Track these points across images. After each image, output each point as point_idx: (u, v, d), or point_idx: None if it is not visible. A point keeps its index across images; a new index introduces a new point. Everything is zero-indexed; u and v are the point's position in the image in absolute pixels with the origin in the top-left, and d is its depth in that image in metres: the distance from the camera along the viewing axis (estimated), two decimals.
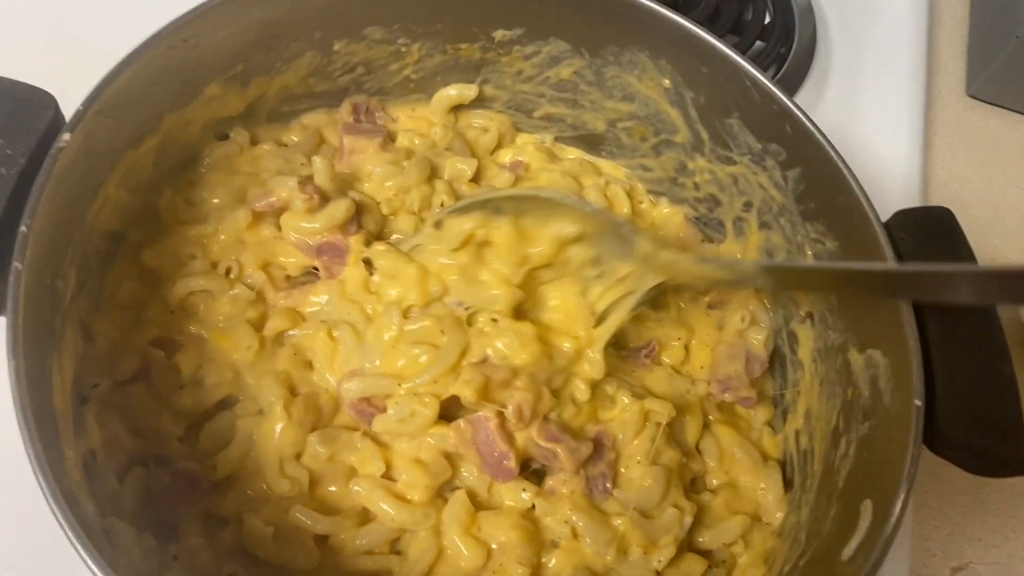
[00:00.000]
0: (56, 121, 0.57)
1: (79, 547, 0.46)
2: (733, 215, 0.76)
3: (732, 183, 0.75)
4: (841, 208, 0.65)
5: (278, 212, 0.69)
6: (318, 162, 0.71)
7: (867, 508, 0.57)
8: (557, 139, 0.83)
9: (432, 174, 0.74)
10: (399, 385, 0.64)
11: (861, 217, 0.63)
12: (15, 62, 0.62)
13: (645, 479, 0.66)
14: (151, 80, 0.61)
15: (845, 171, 0.64)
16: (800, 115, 0.66)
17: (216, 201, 0.70)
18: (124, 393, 0.62)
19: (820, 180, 0.67)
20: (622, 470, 0.66)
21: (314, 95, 0.76)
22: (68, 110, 0.58)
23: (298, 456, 0.63)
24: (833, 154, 0.64)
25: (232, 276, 0.68)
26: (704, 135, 0.74)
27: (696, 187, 0.78)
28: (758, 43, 1.08)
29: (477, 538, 0.62)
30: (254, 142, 0.73)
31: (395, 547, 0.63)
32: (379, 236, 0.72)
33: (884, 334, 0.61)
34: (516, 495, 0.64)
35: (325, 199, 0.69)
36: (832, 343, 0.68)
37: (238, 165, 0.72)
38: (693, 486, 0.71)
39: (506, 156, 0.81)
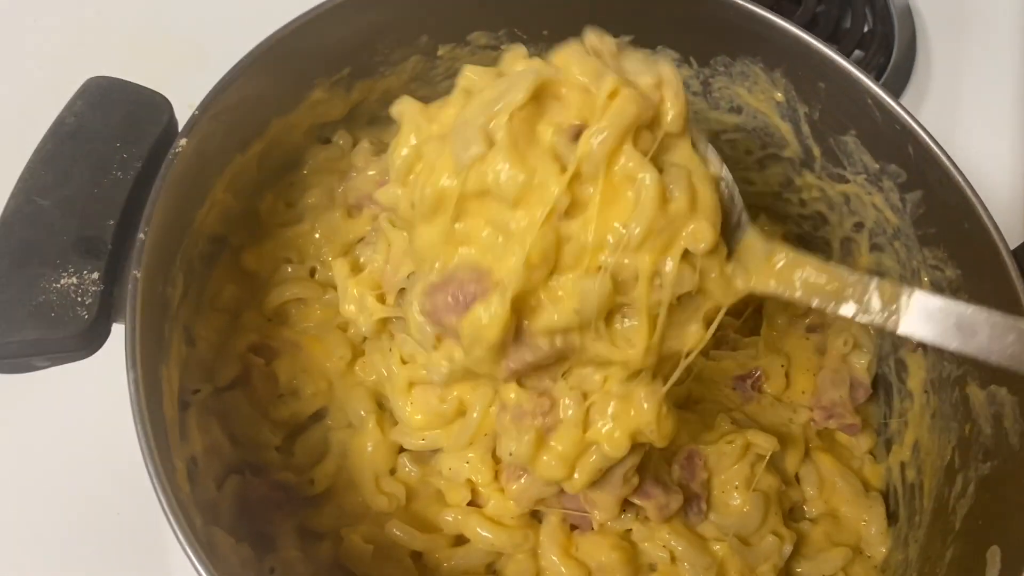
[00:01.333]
0: (171, 125, 0.57)
1: (195, 561, 0.46)
2: (841, 235, 0.74)
3: (843, 202, 0.72)
4: (965, 235, 0.62)
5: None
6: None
7: (995, 556, 0.54)
8: None
9: None
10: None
11: (987, 246, 0.60)
12: (131, 65, 0.62)
13: (744, 505, 0.64)
14: (262, 84, 0.61)
15: (972, 197, 0.61)
16: (926, 137, 0.63)
17: (311, 200, 0.69)
18: (224, 399, 0.62)
19: (943, 205, 0.64)
20: (719, 494, 0.64)
21: (415, 99, 0.75)
22: (180, 113, 0.57)
23: (393, 471, 0.62)
24: (960, 179, 0.61)
25: (318, 277, 0.67)
26: (816, 151, 0.72)
27: (802, 204, 0.76)
28: (856, 52, 1.05)
29: (576, 559, 0.61)
30: (355, 144, 0.72)
31: (491, 568, 0.62)
32: None
33: (1011, 370, 0.59)
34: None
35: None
36: (948, 375, 0.65)
37: (339, 168, 0.71)
38: (791, 515, 0.69)
39: None
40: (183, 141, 0.54)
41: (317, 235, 0.68)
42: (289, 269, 0.67)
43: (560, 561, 0.60)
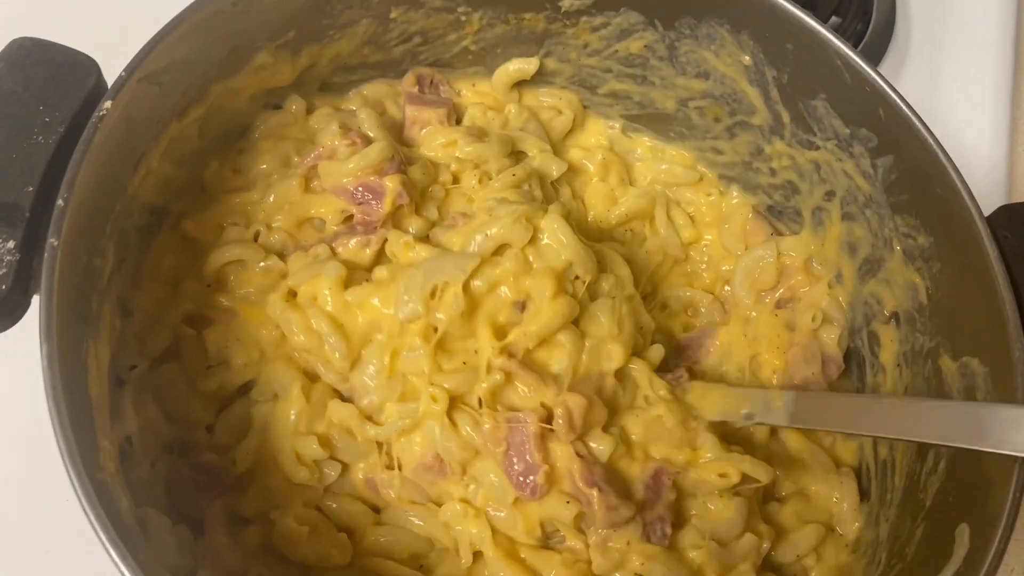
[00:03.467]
0: (98, 88, 0.54)
1: (109, 545, 0.43)
2: (812, 204, 0.71)
3: (813, 170, 0.69)
4: (937, 201, 0.60)
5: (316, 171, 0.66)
6: (363, 111, 0.68)
7: (963, 533, 0.52)
8: (625, 121, 0.77)
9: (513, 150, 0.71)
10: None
11: (961, 212, 0.58)
12: (56, 25, 0.59)
13: (726, 511, 0.61)
14: (197, 47, 0.57)
15: (945, 161, 0.59)
16: (896, 99, 0.60)
17: (264, 167, 0.66)
18: (159, 374, 0.59)
19: (915, 170, 0.61)
20: (700, 501, 0.61)
21: (368, 66, 0.72)
22: (110, 76, 0.54)
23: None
24: (932, 143, 0.59)
25: (260, 240, 0.64)
26: (785, 117, 0.69)
27: (772, 173, 0.73)
28: (833, 18, 1.01)
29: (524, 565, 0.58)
30: (310, 111, 0.69)
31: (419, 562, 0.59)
32: (423, 193, 0.67)
33: (984, 341, 0.56)
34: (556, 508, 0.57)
35: (364, 141, 0.66)
36: (920, 347, 0.63)
37: (291, 134, 0.68)
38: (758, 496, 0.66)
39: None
40: (108, 104, 0.51)
41: (270, 201, 0.64)
42: (232, 233, 0.63)
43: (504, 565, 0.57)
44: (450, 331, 0.58)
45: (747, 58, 0.68)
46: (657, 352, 0.64)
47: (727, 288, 0.73)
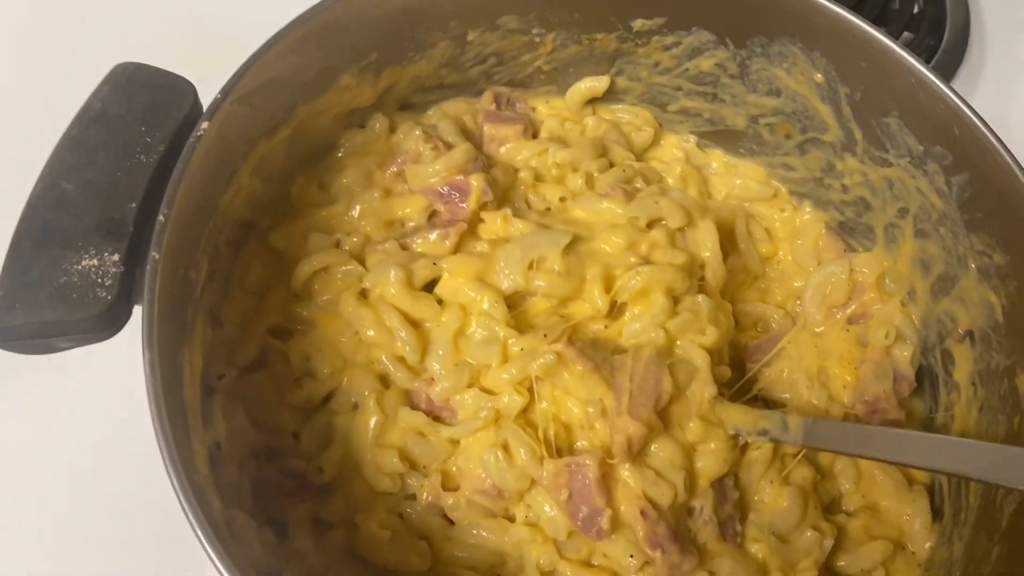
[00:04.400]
0: (195, 109, 0.57)
1: (206, 543, 0.45)
2: (885, 221, 0.71)
3: (886, 187, 0.69)
4: (1013, 219, 0.59)
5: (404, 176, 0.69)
6: (443, 121, 0.72)
7: None
8: (696, 136, 0.78)
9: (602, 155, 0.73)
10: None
11: None
12: (156, 49, 0.62)
13: (781, 500, 0.62)
14: (286, 69, 0.60)
15: (1022, 179, 0.58)
16: (972, 116, 0.60)
17: (347, 181, 0.69)
18: (248, 383, 0.61)
19: (990, 188, 0.61)
20: (754, 498, 0.62)
21: (445, 86, 0.74)
22: (206, 98, 0.57)
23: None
24: (1009, 160, 0.59)
25: (342, 247, 0.67)
26: (857, 134, 0.69)
27: (844, 189, 0.73)
28: (905, 34, 1.01)
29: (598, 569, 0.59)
30: (392, 130, 0.72)
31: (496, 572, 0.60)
32: (505, 194, 0.70)
33: None
34: (620, 555, 0.58)
35: (450, 149, 0.69)
36: (996, 366, 0.62)
37: (375, 150, 0.71)
38: (828, 509, 0.66)
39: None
40: (205, 125, 0.54)
41: (354, 213, 0.67)
42: (315, 242, 0.66)
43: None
44: (539, 308, 0.63)
45: (819, 76, 0.68)
46: (724, 372, 0.64)
47: (798, 304, 0.73)
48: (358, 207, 0.67)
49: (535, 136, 0.76)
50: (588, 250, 0.64)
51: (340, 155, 0.71)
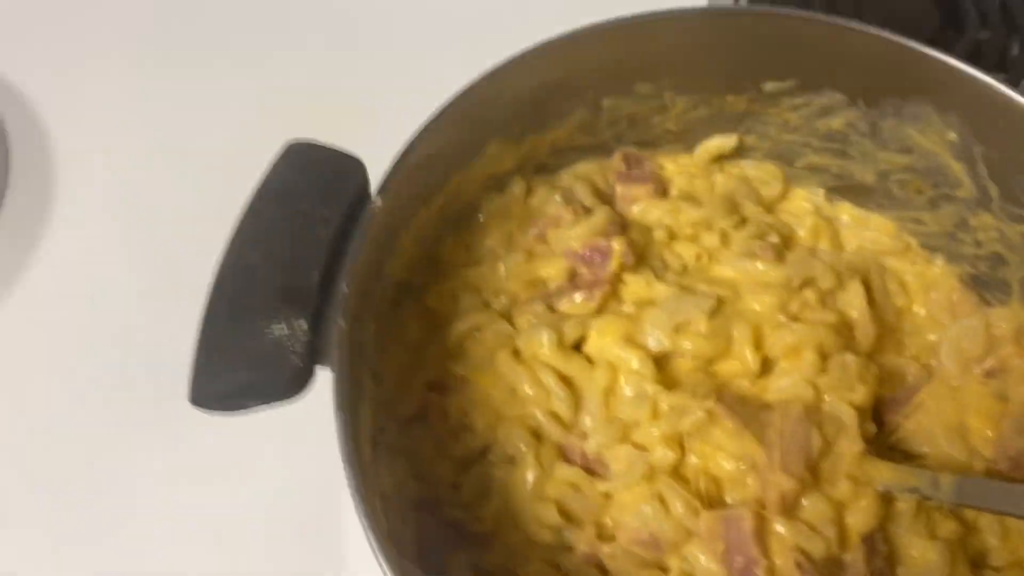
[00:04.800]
0: (363, 183, 0.62)
1: None
2: (1021, 276, 0.71)
3: (1023, 243, 0.70)
4: None
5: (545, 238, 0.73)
6: (577, 184, 0.75)
7: None
8: (824, 190, 0.80)
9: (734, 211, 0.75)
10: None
11: None
12: (322, 127, 0.67)
13: (928, 553, 0.63)
14: (445, 143, 0.65)
15: None
16: None
17: (490, 243, 0.73)
18: (408, 437, 0.65)
19: None
20: (902, 552, 0.63)
21: (578, 148, 0.78)
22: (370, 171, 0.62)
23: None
24: None
25: (495, 307, 0.70)
26: (993, 191, 0.70)
27: (978, 244, 0.74)
28: None
29: None
30: (529, 192, 0.75)
31: None
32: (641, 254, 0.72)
33: None
34: None
35: (588, 213, 0.72)
36: None
37: (513, 213, 0.75)
38: (975, 563, 0.66)
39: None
40: (378, 200, 0.58)
41: (500, 274, 0.71)
42: (466, 301, 0.70)
43: None
44: (686, 366, 0.66)
45: (953, 135, 0.69)
46: (870, 429, 0.66)
47: (933, 357, 0.74)
48: (503, 268, 0.71)
49: (665, 194, 0.78)
50: (734, 310, 0.67)
51: (482, 218, 0.75)
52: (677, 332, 0.66)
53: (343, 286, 0.55)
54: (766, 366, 0.67)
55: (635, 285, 0.69)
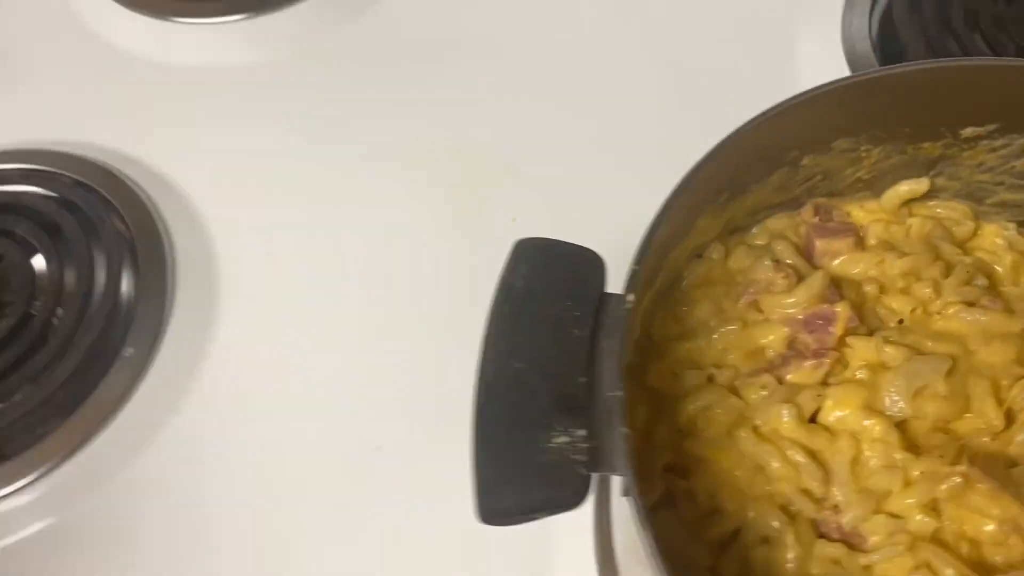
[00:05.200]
0: (602, 277, 0.62)
1: None
2: None
3: None
4: None
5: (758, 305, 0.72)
6: (779, 244, 0.75)
7: None
8: (1016, 224, 0.79)
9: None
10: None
11: None
12: (560, 224, 0.68)
13: None
14: (669, 231, 0.64)
15: None
16: None
17: (699, 314, 0.73)
18: (657, 523, 0.65)
19: None
20: None
21: (771, 205, 0.77)
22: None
23: None
24: None
25: (714, 381, 0.70)
26: None
27: None
28: None
29: None
30: (726, 255, 0.75)
31: None
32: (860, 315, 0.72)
33: None
34: None
35: (799, 276, 0.72)
36: None
37: (715, 278, 0.75)
38: None
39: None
40: (631, 297, 0.58)
41: (714, 347, 0.71)
42: (690, 378, 0.70)
43: None
44: (924, 427, 0.66)
45: None
46: None
47: None
48: (719, 340, 0.71)
49: (863, 245, 0.78)
50: (968, 366, 0.66)
51: (684, 286, 0.75)
52: (916, 397, 0.66)
53: (618, 392, 0.55)
54: (1008, 419, 0.66)
55: (862, 349, 0.68)
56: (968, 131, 0.73)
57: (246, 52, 1.14)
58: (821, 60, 1.05)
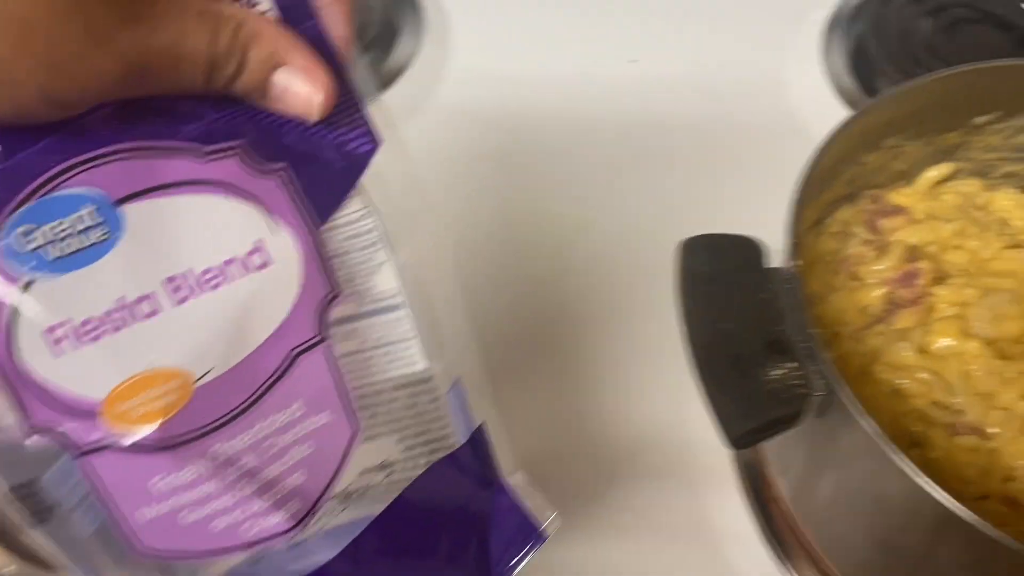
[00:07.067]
0: (764, 254, 0.79)
1: None
2: None
3: None
4: None
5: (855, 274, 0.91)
6: (858, 228, 0.94)
7: None
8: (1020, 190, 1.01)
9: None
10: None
11: None
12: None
13: None
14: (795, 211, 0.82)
15: None
16: None
17: (813, 288, 0.90)
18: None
19: None
20: None
21: (839, 199, 0.97)
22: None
23: None
24: None
25: (843, 335, 0.88)
26: None
27: None
28: None
29: None
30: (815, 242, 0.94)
31: None
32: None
33: None
34: None
35: (880, 248, 0.91)
36: None
37: (814, 258, 0.93)
38: None
39: None
40: (799, 261, 0.76)
41: (831, 310, 0.89)
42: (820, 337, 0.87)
43: None
44: (1009, 346, 0.83)
45: None
46: None
47: None
48: (832, 304, 0.89)
49: (913, 220, 0.98)
50: None
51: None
52: (996, 321, 0.84)
53: (810, 330, 0.72)
54: None
55: (947, 294, 0.87)
56: (979, 119, 0.94)
57: None
58: (815, 98, 1.27)
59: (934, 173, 0.99)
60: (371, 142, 0.55)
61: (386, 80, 1.28)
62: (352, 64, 0.55)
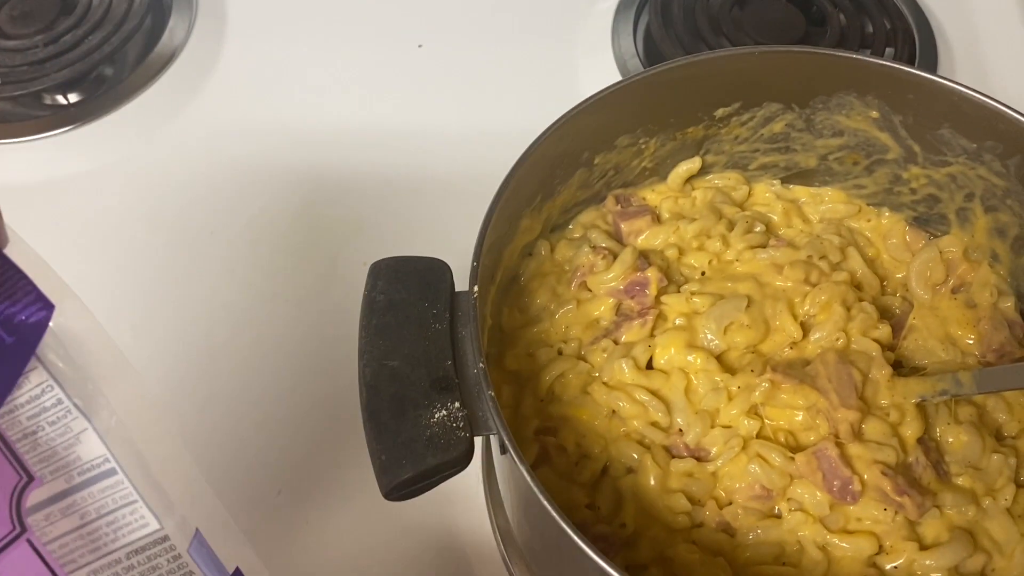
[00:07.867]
0: (450, 279, 0.72)
1: None
2: (955, 207, 0.89)
3: (950, 181, 0.87)
4: None
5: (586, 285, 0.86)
6: (592, 232, 0.89)
7: None
8: (782, 181, 0.96)
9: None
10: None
11: None
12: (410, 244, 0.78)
13: (961, 436, 0.78)
14: (500, 229, 0.76)
15: None
16: (1013, 114, 0.78)
17: (539, 302, 0.85)
18: (540, 478, 0.76)
19: None
20: (942, 441, 0.78)
21: (578, 202, 0.91)
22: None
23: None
24: None
25: (564, 353, 0.82)
26: (916, 148, 0.87)
27: (913, 192, 0.91)
28: (888, 49, 1.21)
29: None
30: (552, 250, 0.88)
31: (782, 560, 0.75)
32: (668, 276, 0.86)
33: None
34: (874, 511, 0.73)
35: (614, 255, 0.85)
36: None
37: (546, 270, 0.87)
38: (995, 437, 0.81)
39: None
40: (476, 288, 0.70)
41: (557, 326, 0.83)
42: (543, 355, 0.81)
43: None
44: (738, 356, 0.80)
45: (875, 113, 0.86)
46: (890, 356, 0.81)
47: (907, 290, 0.90)
48: (559, 320, 0.83)
49: (659, 220, 0.92)
50: (764, 296, 0.81)
51: (522, 281, 0.87)
52: (727, 331, 0.80)
53: (479, 364, 0.66)
54: (804, 329, 0.81)
55: (675, 303, 0.82)
56: (720, 111, 0.89)
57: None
58: (601, 80, 1.21)
59: (684, 168, 0.94)
60: (43, 308, 0.48)
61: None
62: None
